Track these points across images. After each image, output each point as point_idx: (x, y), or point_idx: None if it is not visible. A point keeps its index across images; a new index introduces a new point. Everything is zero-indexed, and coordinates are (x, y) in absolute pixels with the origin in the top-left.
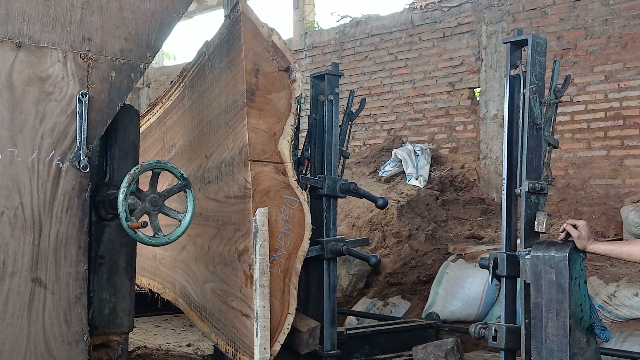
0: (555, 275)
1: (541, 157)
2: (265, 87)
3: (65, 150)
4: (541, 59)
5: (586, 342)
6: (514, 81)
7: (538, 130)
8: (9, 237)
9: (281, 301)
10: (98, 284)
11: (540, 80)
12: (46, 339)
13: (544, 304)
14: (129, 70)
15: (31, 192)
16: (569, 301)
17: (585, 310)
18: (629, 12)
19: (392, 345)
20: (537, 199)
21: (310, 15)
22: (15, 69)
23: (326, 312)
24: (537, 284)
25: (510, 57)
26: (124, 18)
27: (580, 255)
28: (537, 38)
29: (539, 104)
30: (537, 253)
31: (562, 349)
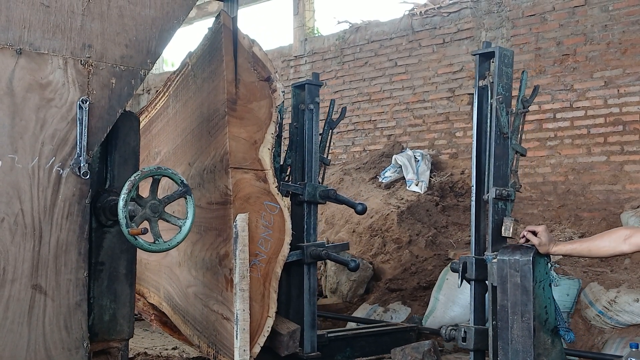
0: (520, 279)
1: (508, 165)
2: (246, 96)
3: (66, 157)
4: (508, 70)
5: (551, 343)
6: (482, 91)
7: (505, 139)
8: (9, 244)
9: (261, 304)
10: (98, 290)
11: (507, 90)
12: (46, 345)
13: (510, 306)
14: (129, 77)
15: (31, 198)
16: (533, 303)
17: (550, 312)
18: (629, 18)
19: (373, 348)
20: (504, 205)
21: (310, 22)
22: (16, 76)
23: (306, 315)
24: (503, 287)
25: (478, 68)
26: (125, 25)
27: (545, 259)
28: (504, 50)
29: (506, 114)
30: (503, 257)
31: (527, 349)
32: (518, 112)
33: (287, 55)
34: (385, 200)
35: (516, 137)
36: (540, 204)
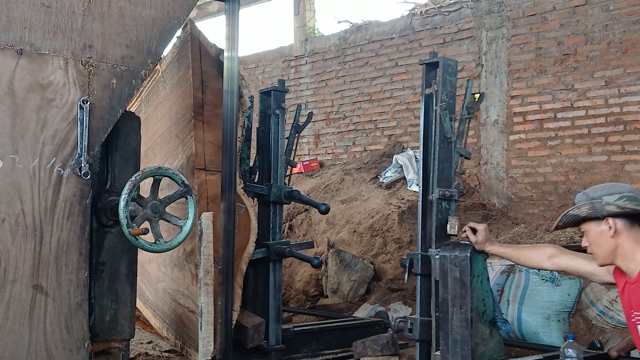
0: (459, 273)
1: (452, 167)
2: (213, 102)
3: (67, 157)
4: (452, 79)
5: (489, 333)
6: (428, 99)
7: (449, 143)
8: (10, 244)
9: None
10: (99, 290)
11: (450, 98)
12: (47, 345)
13: (450, 299)
14: (130, 77)
15: (32, 199)
16: (470, 296)
17: (488, 305)
18: (629, 17)
19: (340, 342)
20: (448, 205)
21: (311, 22)
22: (17, 76)
23: (271, 309)
24: (444, 281)
25: (425, 77)
26: (125, 25)
27: (483, 255)
28: (448, 60)
29: (449, 120)
30: (444, 253)
31: (465, 339)
32: (463, 118)
33: (288, 56)
34: (386, 200)
35: (461, 141)
36: (541, 203)
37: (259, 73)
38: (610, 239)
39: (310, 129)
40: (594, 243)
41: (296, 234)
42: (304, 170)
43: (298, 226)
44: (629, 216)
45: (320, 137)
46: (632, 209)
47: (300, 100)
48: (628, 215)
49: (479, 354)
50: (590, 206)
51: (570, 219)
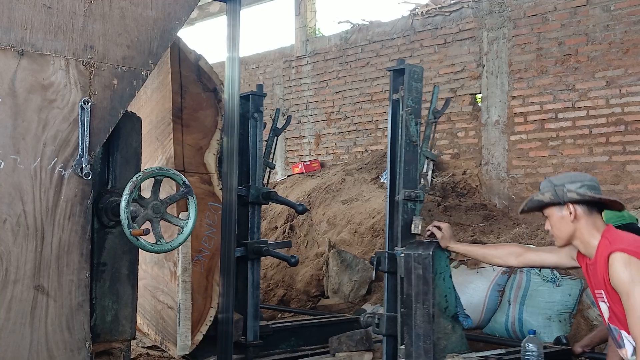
0: (422, 270)
1: (417, 169)
2: (192, 106)
3: (68, 158)
4: (417, 85)
5: (451, 328)
6: (395, 104)
7: (414, 146)
8: (12, 245)
9: (204, 296)
10: (100, 291)
11: (416, 103)
12: (48, 346)
13: (414, 295)
14: (131, 78)
15: (34, 199)
16: (433, 293)
17: (450, 301)
18: (630, 17)
19: (318, 338)
20: (413, 205)
21: (312, 22)
22: (18, 77)
23: (250, 306)
24: (408, 278)
25: (392, 83)
26: (126, 26)
27: (445, 253)
28: (414, 67)
29: (415, 124)
30: (409, 251)
31: (427, 334)
32: (429, 122)
33: (289, 56)
34: None
35: (427, 145)
36: None
37: (260, 73)
38: (570, 223)
39: (311, 130)
40: (555, 227)
41: (297, 234)
42: (305, 171)
43: (299, 227)
44: (588, 203)
45: (321, 137)
46: (591, 196)
47: (301, 100)
48: (587, 203)
49: (441, 347)
50: (553, 192)
51: (534, 203)
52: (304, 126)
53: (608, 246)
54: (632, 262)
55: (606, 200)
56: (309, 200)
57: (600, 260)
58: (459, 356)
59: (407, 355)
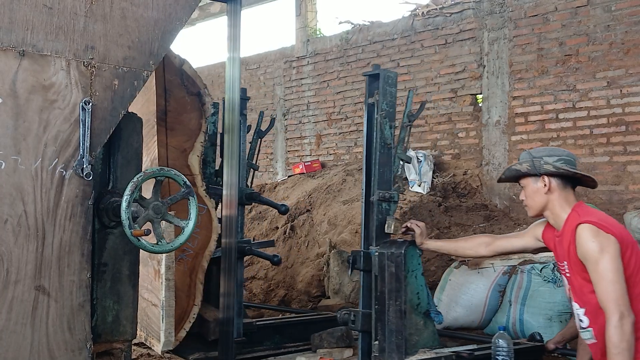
0: (394, 268)
1: (392, 171)
2: (176, 109)
3: (69, 158)
4: (392, 89)
5: (423, 324)
6: (371, 107)
7: (389, 149)
8: (13, 245)
9: (187, 294)
10: (101, 291)
11: (390, 107)
12: (49, 346)
13: (387, 292)
14: (132, 78)
15: (34, 200)
16: (405, 290)
17: (422, 298)
18: (631, 18)
19: (302, 335)
20: (387, 206)
21: (313, 23)
22: (19, 77)
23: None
24: (382, 276)
25: (368, 87)
26: (127, 26)
27: (417, 251)
28: (388, 72)
29: (389, 127)
30: (382, 250)
31: (399, 329)
32: (404, 125)
33: (290, 56)
34: None
35: (401, 147)
36: None
37: (260, 74)
38: (544, 195)
39: (312, 130)
40: (529, 197)
41: (298, 234)
42: (306, 171)
43: (300, 227)
44: (562, 177)
45: (322, 137)
46: (566, 170)
47: (302, 101)
48: (562, 176)
49: (413, 343)
50: (531, 164)
51: (512, 172)
52: (305, 126)
53: (577, 218)
54: (601, 234)
55: (580, 175)
56: (309, 200)
57: (568, 230)
58: (431, 351)
59: (380, 350)
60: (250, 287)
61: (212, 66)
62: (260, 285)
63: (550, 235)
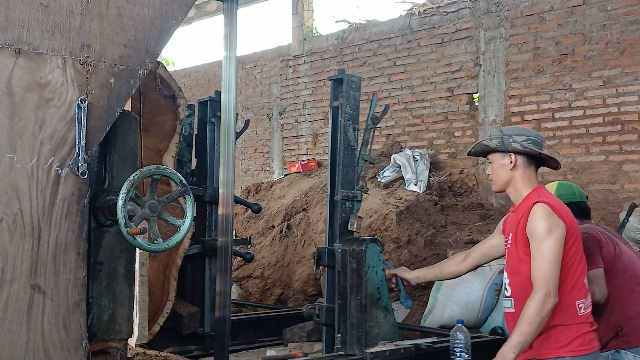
0: (356, 264)
1: (355, 171)
2: (151, 111)
3: (65, 157)
4: (355, 94)
5: (384, 317)
6: (336, 110)
7: (352, 150)
8: (8, 244)
9: (161, 290)
10: (97, 290)
11: (354, 110)
12: (45, 345)
13: (348, 287)
14: (128, 77)
15: (30, 198)
16: (365, 285)
17: (383, 293)
18: (627, 17)
19: (276, 330)
20: (351, 205)
21: (309, 21)
22: (15, 76)
23: (207, 299)
24: (344, 271)
25: (333, 91)
26: (124, 25)
27: (378, 248)
28: (352, 77)
29: (352, 129)
30: (345, 247)
31: (360, 323)
32: (368, 128)
33: (286, 55)
34: (384, 200)
35: (365, 149)
36: None
37: (257, 73)
38: (509, 171)
39: (308, 129)
40: (495, 172)
41: (294, 233)
42: (302, 170)
43: (296, 226)
44: (528, 156)
45: (318, 136)
46: (532, 149)
47: (299, 99)
48: (528, 155)
49: (373, 335)
50: (500, 140)
51: (482, 147)
52: (301, 125)
53: (536, 197)
54: (553, 216)
55: (544, 155)
56: (306, 199)
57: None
58: (391, 343)
59: (342, 342)
60: (247, 286)
61: (209, 65)
62: (256, 284)
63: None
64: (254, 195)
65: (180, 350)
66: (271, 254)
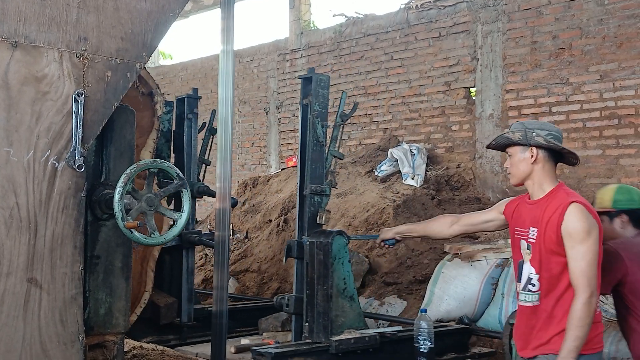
0: (322, 256)
1: (324, 167)
2: None
3: (61, 150)
4: (324, 92)
5: (349, 307)
6: (305, 108)
7: (321, 146)
8: (5, 237)
9: (139, 281)
10: (94, 284)
11: (323, 108)
12: (42, 339)
13: (316, 278)
14: (125, 70)
15: (27, 192)
16: (332, 276)
17: (349, 283)
18: (624, 11)
19: (252, 320)
20: (319, 199)
21: (306, 15)
22: (11, 69)
23: (184, 291)
24: (312, 263)
25: (303, 89)
26: (120, 18)
27: (344, 240)
28: (320, 76)
29: (321, 126)
30: (312, 239)
31: (326, 312)
32: (337, 125)
33: (283, 49)
34: (381, 194)
35: (334, 145)
36: None
37: (254, 67)
38: (530, 165)
39: None
40: (515, 165)
41: (291, 227)
42: None
43: (293, 220)
44: (549, 151)
45: None
46: (554, 144)
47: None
48: (548, 150)
49: (339, 324)
50: (523, 134)
51: (504, 140)
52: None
53: (568, 195)
54: (590, 218)
55: (566, 150)
56: None
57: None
58: (357, 331)
59: (310, 331)
60: (244, 280)
61: (205, 59)
62: (253, 278)
63: (511, 207)
64: (251, 189)
65: (158, 339)
66: (268, 247)
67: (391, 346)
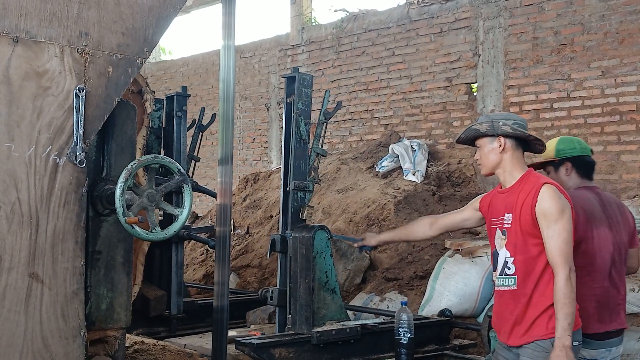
0: (305, 250)
1: (307, 163)
2: None
3: (63, 145)
4: (307, 90)
5: (331, 299)
6: (289, 106)
7: (304, 143)
8: (6, 233)
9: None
10: (95, 279)
11: (306, 106)
12: (43, 334)
13: (298, 271)
14: (126, 65)
15: (28, 187)
16: (314, 269)
17: (331, 276)
18: (626, 7)
19: (241, 313)
20: (303, 195)
21: (308, 10)
22: (12, 64)
23: (173, 284)
24: (295, 257)
25: (287, 88)
26: (121, 13)
27: (326, 235)
28: (304, 75)
29: (304, 124)
30: (295, 234)
31: (308, 304)
32: (320, 122)
33: (285, 45)
34: (382, 190)
35: (317, 142)
36: None
37: (255, 62)
38: (499, 154)
39: None
40: (485, 156)
41: None
42: None
43: None
44: (516, 139)
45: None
46: (521, 132)
47: None
48: (515, 139)
49: (321, 315)
50: (490, 125)
51: (472, 132)
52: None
53: (539, 178)
54: (562, 197)
55: (532, 138)
56: None
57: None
58: (338, 323)
59: (293, 322)
60: (245, 276)
61: (207, 54)
62: (254, 273)
63: (486, 202)
64: (252, 184)
65: (148, 331)
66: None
67: (372, 337)
